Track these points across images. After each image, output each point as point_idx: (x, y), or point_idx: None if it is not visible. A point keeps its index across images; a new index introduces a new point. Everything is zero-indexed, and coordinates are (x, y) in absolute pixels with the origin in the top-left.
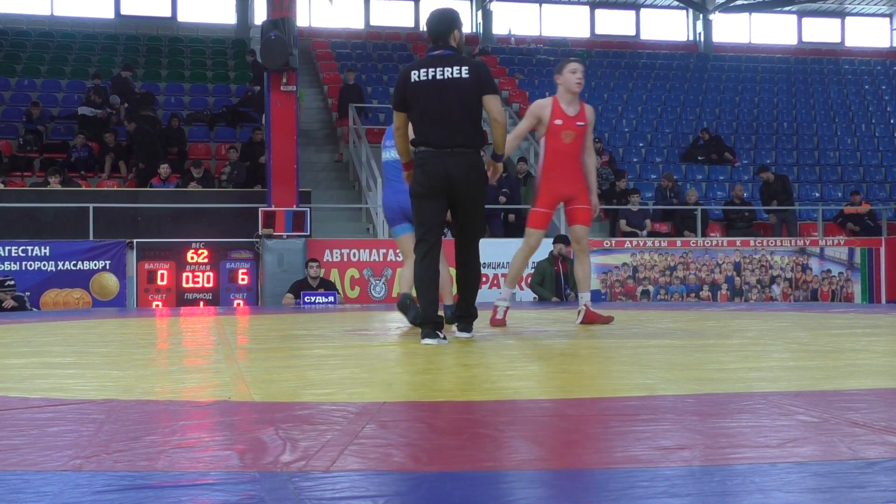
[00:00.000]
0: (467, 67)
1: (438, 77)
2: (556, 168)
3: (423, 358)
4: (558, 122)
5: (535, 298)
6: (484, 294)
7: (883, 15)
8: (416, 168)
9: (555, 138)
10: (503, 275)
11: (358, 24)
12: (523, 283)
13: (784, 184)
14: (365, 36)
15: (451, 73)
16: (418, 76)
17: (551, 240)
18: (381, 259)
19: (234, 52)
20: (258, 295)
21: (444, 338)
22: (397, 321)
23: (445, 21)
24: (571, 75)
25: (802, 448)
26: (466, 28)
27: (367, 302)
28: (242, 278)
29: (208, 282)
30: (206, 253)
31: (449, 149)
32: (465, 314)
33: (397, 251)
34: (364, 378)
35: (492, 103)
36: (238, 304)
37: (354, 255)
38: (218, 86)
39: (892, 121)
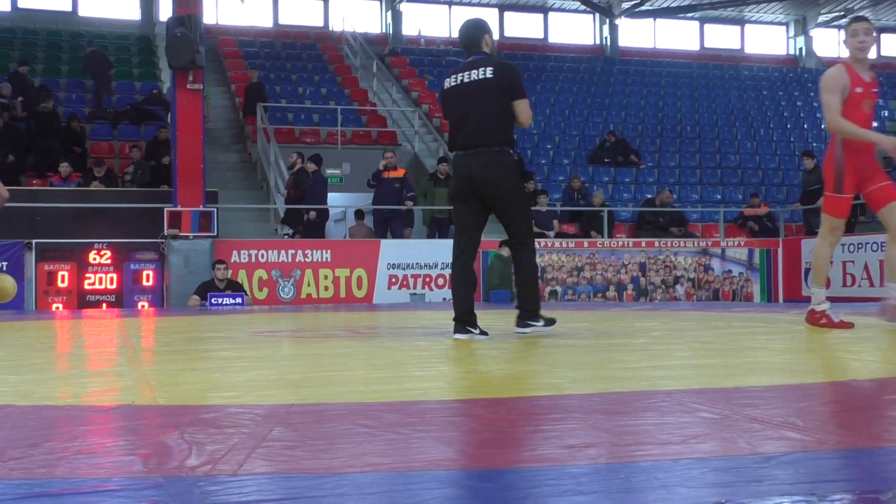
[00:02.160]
0: (492, 68)
1: (465, 80)
2: (859, 142)
3: (332, 359)
4: (858, 90)
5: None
6: (387, 296)
7: (780, 23)
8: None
9: (855, 108)
10: (425, 276)
11: (266, 22)
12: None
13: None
14: (274, 35)
15: (477, 75)
16: (450, 83)
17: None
18: (290, 260)
19: (138, 48)
20: (163, 297)
21: (480, 333)
22: (305, 322)
23: (474, 29)
24: (852, 39)
25: (704, 444)
26: (375, 28)
27: (275, 303)
28: (147, 280)
29: (111, 283)
30: (109, 254)
31: (472, 150)
32: (520, 313)
33: (306, 252)
34: (272, 380)
35: (519, 108)
36: (143, 307)
37: (262, 255)
38: (122, 83)
39: (788, 126)
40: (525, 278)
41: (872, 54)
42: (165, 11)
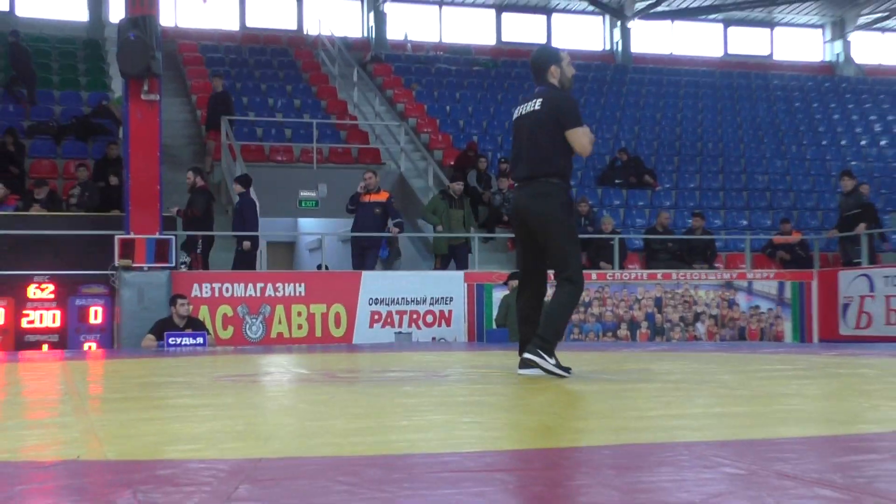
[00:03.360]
0: (541, 100)
1: (522, 112)
2: None
3: (307, 407)
4: None
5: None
6: (369, 335)
7: (815, 26)
8: None
9: None
10: (412, 312)
11: (233, 25)
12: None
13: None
14: (240, 39)
15: (530, 107)
16: (514, 114)
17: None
18: (259, 294)
19: (85, 54)
20: (114, 336)
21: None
22: (276, 365)
23: (540, 58)
24: None
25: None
26: (356, 32)
27: (241, 343)
28: (95, 317)
29: (54, 321)
30: (51, 288)
31: (523, 181)
32: (533, 339)
33: (276, 285)
34: (238, 431)
35: (572, 137)
36: (90, 348)
37: (227, 289)
38: (67, 92)
39: (824, 142)
40: (553, 307)
41: None
42: (117, 12)
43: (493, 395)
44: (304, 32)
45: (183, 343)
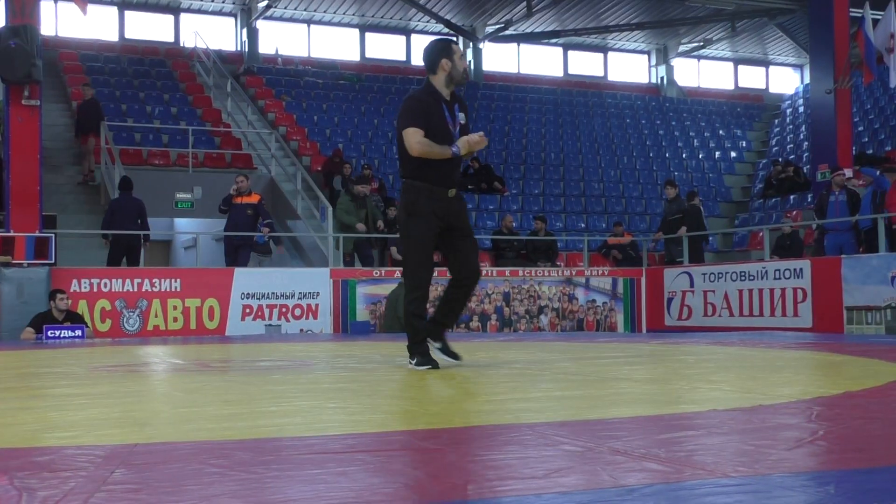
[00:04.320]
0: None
1: None
2: None
3: (181, 395)
4: None
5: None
6: (241, 327)
7: (642, 52)
8: None
9: None
10: (281, 306)
11: (112, 36)
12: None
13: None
14: (119, 49)
15: None
16: None
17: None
18: (136, 289)
19: None
20: None
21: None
22: (152, 355)
23: (433, 51)
24: None
25: (567, 478)
26: (230, 46)
27: (119, 335)
28: None
29: None
30: None
31: None
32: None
33: (154, 280)
34: (114, 418)
35: (403, 138)
36: None
37: (105, 285)
38: None
39: (651, 154)
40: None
41: (730, 84)
42: None
43: (356, 383)
44: (181, 45)
45: (61, 336)
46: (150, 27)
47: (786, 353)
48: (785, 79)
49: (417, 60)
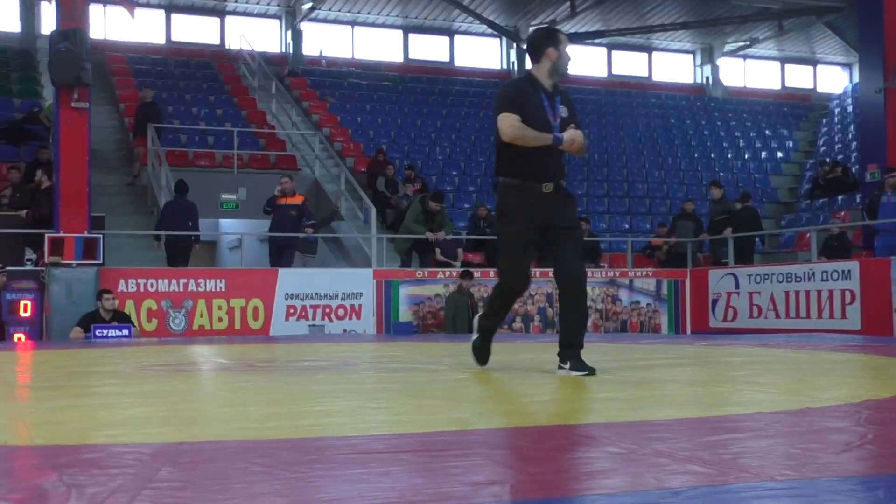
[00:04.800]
0: None
1: None
2: None
3: (226, 395)
4: None
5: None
6: (284, 327)
7: (687, 51)
8: None
9: None
10: (325, 307)
11: (159, 39)
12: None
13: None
14: (166, 52)
15: None
16: None
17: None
18: (182, 289)
19: (17, 63)
20: (43, 329)
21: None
22: (197, 355)
23: (537, 39)
24: None
25: (611, 479)
26: (275, 48)
27: (165, 335)
28: (25, 311)
29: None
30: None
31: None
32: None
33: (199, 281)
34: (160, 417)
35: (497, 124)
36: (19, 339)
37: (152, 285)
38: None
39: (696, 155)
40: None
41: (777, 84)
42: (48, 24)
43: (399, 383)
44: (227, 48)
45: (109, 335)
46: (196, 30)
47: (833, 355)
48: (833, 78)
49: (460, 61)
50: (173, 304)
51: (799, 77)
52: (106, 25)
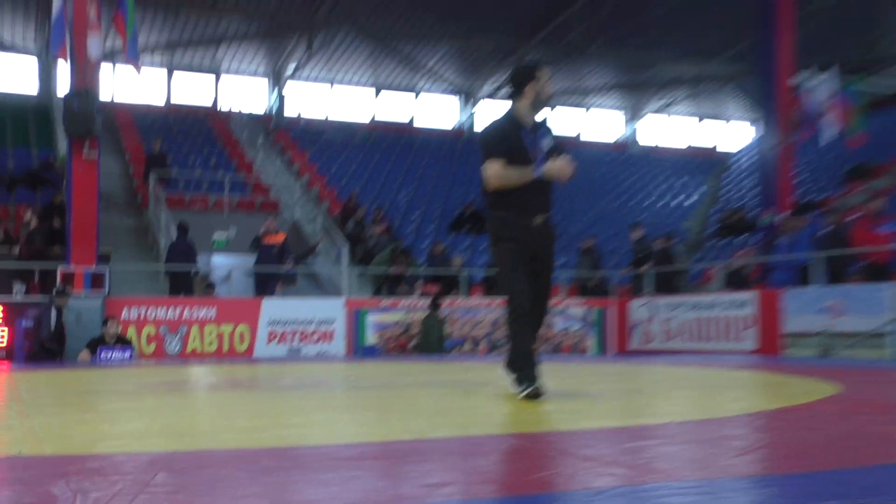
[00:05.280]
0: None
1: None
2: None
3: (215, 409)
4: None
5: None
6: (267, 350)
7: (615, 109)
8: None
9: None
10: (302, 332)
11: (160, 101)
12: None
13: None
14: (166, 111)
15: None
16: None
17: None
18: (177, 317)
19: (36, 119)
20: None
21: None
22: (190, 374)
23: (517, 74)
24: None
25: (546, 480)
26: (262, 105)
27: (162, 357)
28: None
29: (2, 339)
30: (0, 310)
31: None
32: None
33: (193, 309)
34: (157, 429)
35: (483, 171)
36: None
37: (151, 313)
38: (18, 150)
39: (620, 200)
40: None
41: (690, 139)
42: (63, 85)
43: (365, 399)
44: (219, 108)
45: (113, 357)
46: (192, 92)
47: (733, 373)
48: (740, 133)
49: (420, 121)
50: (170, 329)
51: (709, 133)
52: (114, 88)
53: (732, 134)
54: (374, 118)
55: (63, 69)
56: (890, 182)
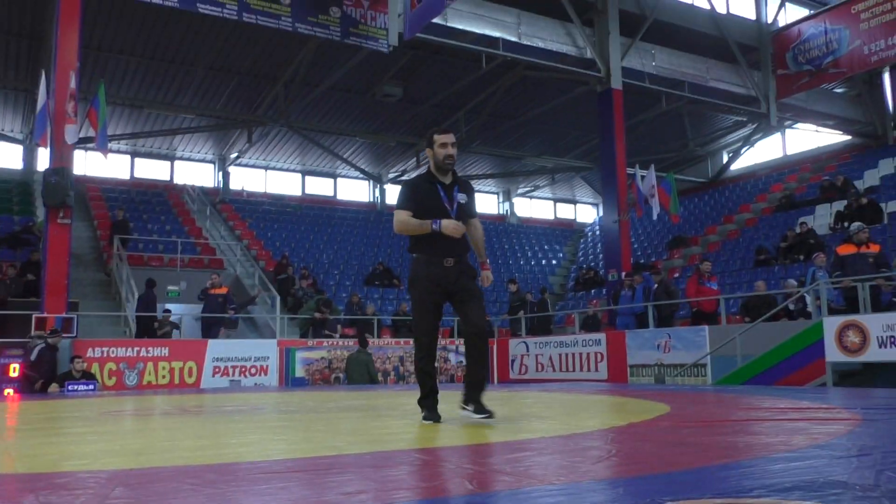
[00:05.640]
0: None
1: None
2: None
3: (166, 432)
4: None
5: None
6: (212, 382)
7: (492, 192)
8: None
9: None
10: (241, 367)
11: (125, 175)
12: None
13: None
14: (130, 185)
15: None
16: None
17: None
18: (135, 355)
19: (18, 190)
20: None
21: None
22: (145, 403)
23: (425, 142)
24: None
25: (445, 487)
26: (210, 182)
27: (121, 389)
28: (14, 371)
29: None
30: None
31: None
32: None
33: (149, 349)
34: (116, 450)
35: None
36: (8, 394)
37: (112, 352)
38: (2, 216)
39: (500, 261)
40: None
41: (552, 215)
42: (43, 163)
43: (294, 421)
44: (174, 182)
45: (79, 389)
46: (152, 170)
47: (590, 396)
48: (587, 211)
49: (341, 196)
50: (129, 365)
51: (566, 211)
52: (86, 165)
53: (580, 213)
54: (303, 192)
55: (43, 151)
56: (700, 250)
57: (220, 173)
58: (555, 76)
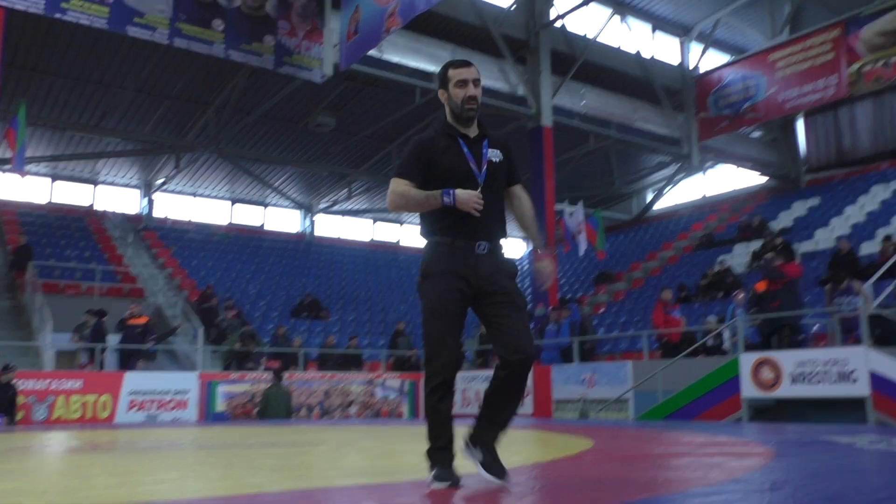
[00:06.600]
0: None
1: None
2: None
3: (75, 470)
4: None
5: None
6: (127, 416)
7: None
8: None
9: None
10: (159, 401)
11: (43, 200)
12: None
13: None
14: (48, 209)
15: None
16: None
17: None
18: (46, 387)
19: None
20: None
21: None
22: (55, 439)
23: (437, 79)
24: None
25: None
26: (134, 209)
27: (29, 424)
28: None
29: None
30: None
31: None
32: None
33: (60, 381)
34: (20, 489)
35: None
36: None
37: (22, 384)
38: None
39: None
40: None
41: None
42: None
43: (213, 458)
44: (95, 208)
45: None
46: (72, 194)
47: (516, 432)
48: (516, 245)
49: (269, 226)
50: (38, 398)
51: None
52: (1, 188)
53: (512, 245)
54: (230, 222)
55: None
56: (625, 286)
57: (146, 199)
58: (487, 111)
